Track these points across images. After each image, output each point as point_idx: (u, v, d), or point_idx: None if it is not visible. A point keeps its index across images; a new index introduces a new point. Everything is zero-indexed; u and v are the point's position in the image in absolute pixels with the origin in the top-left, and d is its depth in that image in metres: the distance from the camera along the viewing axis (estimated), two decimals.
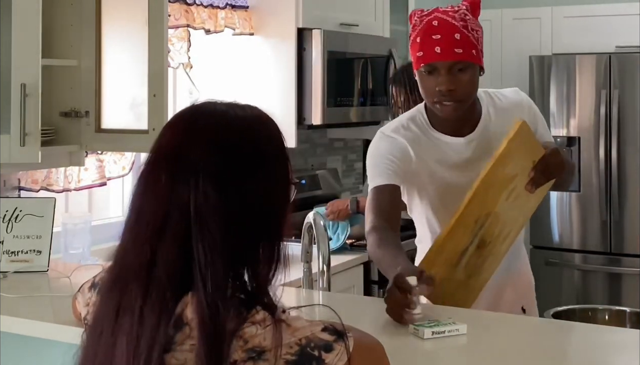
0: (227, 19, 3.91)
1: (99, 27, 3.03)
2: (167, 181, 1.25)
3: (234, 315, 1.20)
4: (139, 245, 1.25)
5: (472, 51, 2.16)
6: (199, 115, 1.34)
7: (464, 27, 2.15)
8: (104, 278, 1.33)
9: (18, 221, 2.87)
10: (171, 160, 1.27)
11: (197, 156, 1.26)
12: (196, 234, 1.22)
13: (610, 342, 1.83)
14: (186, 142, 1.28)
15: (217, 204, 1.24)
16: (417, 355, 1.79)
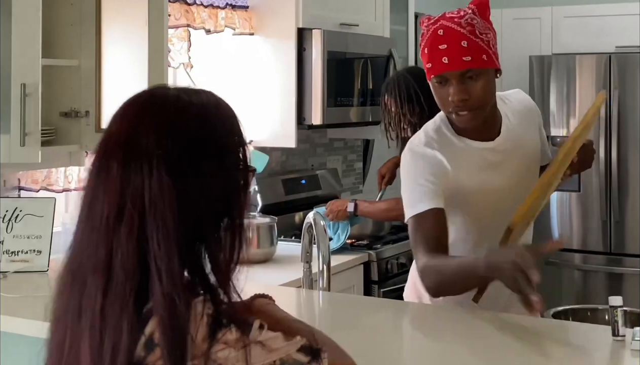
0: (227, 18, 3.91)
1: (99, 27, 3.03)
2: (120, 170, 1.21)
3: (203, 331, 1.15)
4: (95, 239, 1.21)
5: (483, 56, 2.09)
6: (151, 101, 1.29)
7: (471, 32, 2.07)
8: (61, 275, 1.28)
9: (18, 221, 2.87)
10: (123, 147, 1.23)
11: (151, 142, 1.21)
12: (151, 224, 1.18)
13: (610, 342, 1.83)
14: (139, 128, 1.23)
15: (173, 191, 1.20)
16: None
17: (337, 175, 4.74)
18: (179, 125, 1.25)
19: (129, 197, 1.20)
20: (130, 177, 1.20)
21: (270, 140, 4.11)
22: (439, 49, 2.08)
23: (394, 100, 3.34)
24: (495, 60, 2.15)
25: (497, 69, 2.18)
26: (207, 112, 1.29)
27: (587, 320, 2.67)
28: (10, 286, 2.56)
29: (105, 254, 1.19)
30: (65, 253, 1.28)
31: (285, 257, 3.53)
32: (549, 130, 5.15)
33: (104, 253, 1.20)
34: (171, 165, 1.21)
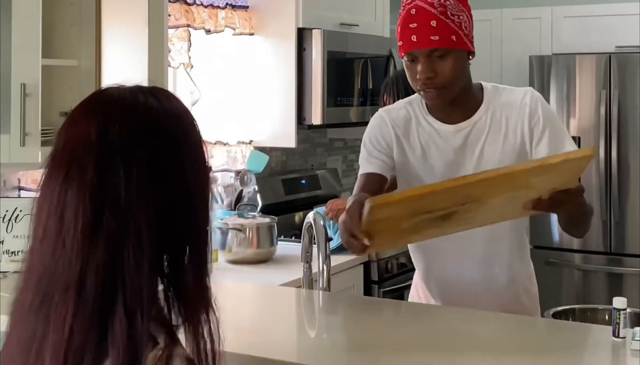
0: (228, 18, 3.91)
1: (99, 27, 3.03)
2: (93, 175, 1.12)
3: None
4: (68, 253, 1.11)
5: (452, 37, 2.14)
6: (114, 100, 1.23)
7: (442, 13, 2.12)
8: (22, 294, 1.18)
9: (18, 221, 2.87)
10: (96, 151, 1.14)
11: (127, 144, 1.14)
12: (127, 233, 1.11)
13: (610, 342, 1.83)
14: (111, 131, 1.16)
15: (152, 194, 1.13)
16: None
17: (337, 175, 4.75)
18: (154, 127, 1.19)
19: (106, 204, 1.12)
20: (106, 183, 1.12)
21: (270, 140, 4.11)
22: (410, 27, 2.13)
23: (393, 100, 3.36)
24: (466, 42, 2.18)
25: (469, 51, 2.21)
26: (179, 115, 1.24)
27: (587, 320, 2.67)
28: (10, 286, 2.56)
29: (80, 269, 1.10)
30: (25, 271, 1.18)
31: (285, 257, 3.53)
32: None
33: (78, 268, 1.10)
34: (150, 168, 1.15)
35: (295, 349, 1.80)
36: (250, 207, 3.89)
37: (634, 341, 1.76)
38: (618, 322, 1.81)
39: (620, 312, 1.82)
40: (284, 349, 1.79)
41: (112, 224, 1.11)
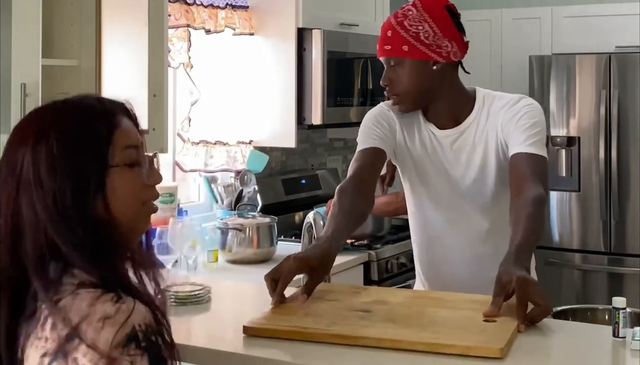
0: (227, 19, 3.91)
1: (99, 27, 3.03)
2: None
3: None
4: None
5: (403, 47, 2.20)
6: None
7: (399, 23, 2.20)
8: None
9: None
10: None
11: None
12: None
13: (610, 342, 1.83)
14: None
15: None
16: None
17: (337, 175, 4.75)
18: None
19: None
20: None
21: (270, 140, 4.11)
22: (379, 38, 2.28)
23: None
24: (423, 52, 2.22)
25: (434, 61, 2.24)
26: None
27: (587, 320, 2.67)
28: None
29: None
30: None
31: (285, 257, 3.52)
32: (549, 131, 5.15)
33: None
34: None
35: (296, 349, 1.80)
36: (250, 207, 3.89)
37: (634, 341, 1.76)
38: (618, 322, 1.81)
39: (620, 312, 1.82)
40: (284, 349, 1.79)
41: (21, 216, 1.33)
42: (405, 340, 1.76)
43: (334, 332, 1.82)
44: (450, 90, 2.30)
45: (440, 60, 2.24)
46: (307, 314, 1.95)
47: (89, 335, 1.21)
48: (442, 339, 1.76)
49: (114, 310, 1.23)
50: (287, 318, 1.91)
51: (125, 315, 1.23)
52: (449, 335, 1.78)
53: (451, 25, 2.25)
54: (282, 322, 1.88)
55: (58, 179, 1.30)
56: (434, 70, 2.24)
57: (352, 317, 1.93)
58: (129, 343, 1.22)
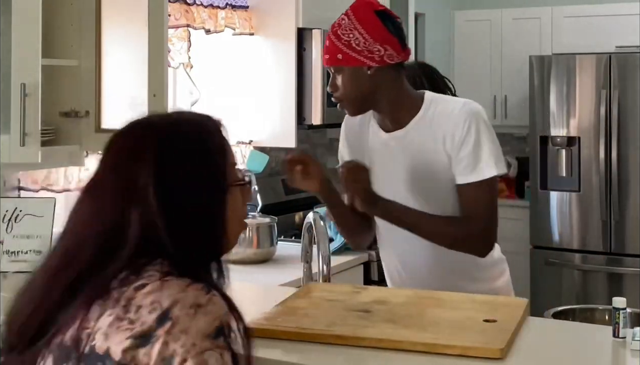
0: (227, 19, 3.91)
1: (99, 27, 3.03)
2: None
3: None
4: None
5: (338, 55, 2.28)
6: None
7: (334, 33, 2.29)
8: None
9: (18, 221, 2.87)
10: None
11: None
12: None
13: (610, 342, 1.83)
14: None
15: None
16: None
17: (337, 175, 4.74)
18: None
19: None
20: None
21: (270, 140, 4.11)
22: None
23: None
24: (356, 58, 2.29)
25: (365, 66, 2.29)
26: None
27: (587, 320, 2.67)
28: (10, 286, 2.56)
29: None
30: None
31: (285, 257, 3.53)
32: (549, 130, 5.16)
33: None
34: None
35: (296, 349, 1.80)
36: (250, 207, 3.89)
37: (634, 341, 1.76)
38: (618, 322, 1.81)
39: (620, 312, 1.82)
40: (284, 349, 1.79)
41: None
42: (405, 340, 1.76)
43: (334, 333, 1.82)
44: (392, 93, 2.34)
45: (374, 65, 2.29)
46: (307, 314, 1.96)
47: (181, 320, 1.21)
48: (442, 340, 1.76)
49: (205, 299, 1.25)
50: (287, 318, 1.92)
51: (216, 306, 1.25)
52: (449, 336, 1.78)
53: (382, 30, 2.29)
54: (282, 323, 1.88)
55: (184, 196, 1.34)
56: (369, 74, 2.29)
57: (352, 317, 1.93)
58: (218, 335, 1.22)
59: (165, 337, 1.20)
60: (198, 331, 1.21)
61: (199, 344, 1.20)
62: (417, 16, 5.44)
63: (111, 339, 1.23)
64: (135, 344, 1.21)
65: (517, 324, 1.88)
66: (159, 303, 1.23)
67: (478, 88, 5.54)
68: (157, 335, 1.20)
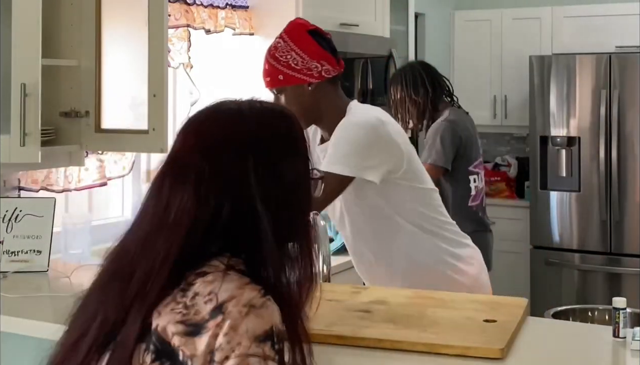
0: (227, 19, 3.91)
1: (99, 27, 3.03)
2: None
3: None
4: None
5: (279, 76, 2.47)
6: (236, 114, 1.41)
7: (272, 56, 2.48)
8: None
9: (18, 221, 2.87)
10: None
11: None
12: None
13: (610, 342, 1.83)
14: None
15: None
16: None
17: None
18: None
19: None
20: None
21: None
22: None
23: (400, 85, 3.74)
24: (297, 77, 2.45)
25: (305, 83, 2.45)
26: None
27: (587, 320, 2.67)
28: (10, 286, 2.56)
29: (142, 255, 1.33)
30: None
31: None
32: (549, 130, 5.16)
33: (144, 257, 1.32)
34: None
35: None
36: None
37: (634, 341, 1.77)
38: (618, 322, 1.82)
39: (620, 312, 1.82)
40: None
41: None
42: (405, 340, 1.77)
43: (334, 333, 1.82)
44: (330, 105, 2.50)
45: (314, 81, 2.45)
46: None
47: (233, 316, 1.21)
48: (442, 340, 1.76)
49: (260, 301, 1.23)
50: None
51: (269, 310, 1.23)
52: (449, 336, 1.79)
53: (317, 47, 2.45)
54: None
55: (281, 191, 1.34)
56: (310, 90, 2.45)
57: (352, 318, 1.93)
58: (265, 340, 1.21)
59: (214, 329, 1.20)
60: (247, 331, 1.20)
61: (244, 344, 1.19)
62: (417, 16, 5.44)
63: (162, 317, 1.23)
64: (186, 332, 1.21)
65: (517, 324, 1.88)
66: (216, 295, 1.23)
67: (478, 88, 5.54)
68: (208, 327, 1.21)
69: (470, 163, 3.66)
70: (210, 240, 1.30)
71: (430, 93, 3.69)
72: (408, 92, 3.69)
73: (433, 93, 3.70)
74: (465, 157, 3.64)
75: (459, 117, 3.71)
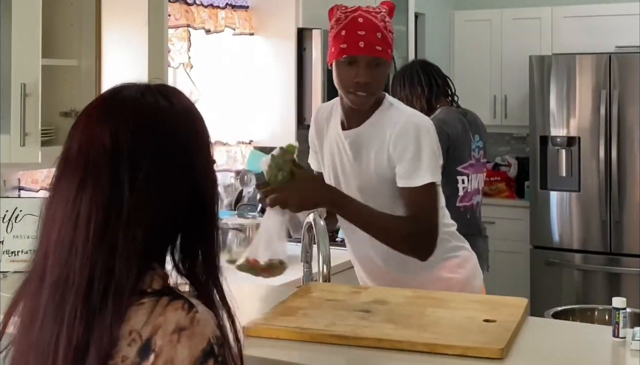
0: (227, 19, 3.91)
1: (99, 27, 3.03)
2: (106, 183, 1.18)
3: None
4: (79, 261, 1.16)
5: (389, 50, 2.34)
6: (128, 107, 1.28)
7: (385, 27, 2.33)
8: (34, 298, 1.23)
9: (18, 221, 2.87)
10: (110, 156, 1.19)
11: (137, 151, 1.20)
12: (127, 240, 1.17)
13: (610, 342, 1.83)
14: (120, 134, 1.20)
15: (159, 198, 1.19)
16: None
17: None
18: (160, 131, 1.23)
19: (113, 213, 1.16)
20: (115, 191, 1.17)
21: (270, 140, 4.11)
22: (358, 33, 2.31)
23: (398, 83, 3.69)
24: (391, 55, 2.39)
25: (391, 62, 2.42)
26: (184, 113, 1.31)
27: (587, 320, 2.67)
28: (10, 286, 2.55)
29: (88, 275, 1.15)
30: (36, 273, 1.22)
31: None
32: (549, 130, 5.16)
33: (86, 275, 1.15)
34: (158, 172, 1.20)
35: (296, 349, 1.80)
36: (250, 207, 3.88)
37: (634, 341, 1.77)
38: (618, 322, 1.82)
39: (620, 312, 1.82)
40: (284, 349, 1.80)
41: (117, 233, 1.16)
42: (405, 340, 1.77)
43: (334, 333, 1.82)
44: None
45: (391, 63, 2.41)
46: (307, 315, 1.96)
47: (165, 350, 1.11)
48: (442, 340, 1.76)
49: (188, 320, 1.13)
50: (286, 318, 1.92)
51: (201, 325, 1.14)
52: (449, 336, 1.79)
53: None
54: (281, 323, 1.88)
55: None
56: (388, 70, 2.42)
57: (352, 318, 1.93)
58: (207, 359, 1.12)
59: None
60: (184, 359, 1.11)
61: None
62: (417, 16, 5.44)
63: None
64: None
65: (517, 324, 1.88)
66: (138, 332, 1.12)
67: (478, 88, 5.54)
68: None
69: (459, 163, 3.55)
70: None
71: (426, 92, 3.65)
72: (405, 92, 3.67)
73: (429, 92, 3.65)
74: (454, 157, 3.52)
75: (450, 116, 3.61)
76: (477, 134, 3.68)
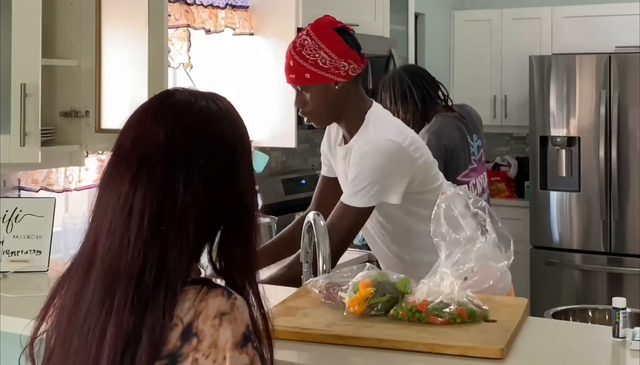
0: (227, 19, 3.91)
1: (99, 27, 3.03)
2: (161, 177, 1.23)
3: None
4: (131, 251, 1.21)
5: (305, 75, 2.43)
6: (182, 108, 1.32)
7: (298, 53, 2.43)
8: (84, 285, 1.26)
9: (18, 221, 2.87)
10: (165, 154, 1.25)
11: (190, 149, 1.25)
12: (179, 233, 1.23)
13: (610, 342, 1.83)
14: (177, 135, 1.26)
15: (207, 196, 1.25)
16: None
17: None
18: (212, 133, 1.29)
19: (167, 206, 1.22)
20: (170, 186, 1.22)
21: (270, 140, 4.11)
22: (286, 64, 2.50)
23: (389, 97, 3.53)
24: (324, 76, 2.44)
25: (332, 82, 2.45)
26: (232, 118, 1.34)
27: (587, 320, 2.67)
28: (10, 286, 2.56)
29: (140, 265, 1.20)
30: (87, 260, 1.26)
31: None
32: (549, 130, 5.16)
33: (139, 264, 1.20)
34: (208, 172, 1.25)
35: (296, 349, 1.80)
36: None
37: (634, 341, 1.77)
38: (618, 322, 1.82)
39: (620, 312, 1.82)
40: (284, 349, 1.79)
41: (170, 226, 1.22)
42: (405, 340, 1.77)
43: (334, 333, 1.82)
44: (353, 105, 2.51)
45: (341, 80, 2.45)
46: (307, 315, 1.96)
47: (208, 333, 1.17)
48: (442, 340, 1.76)
49: (228, 305, 1.20)
50: (286, 318, 1.92)
51: (240, 311, 1.21)
52: (449, 336, 1.79)
53: (344, 46, 2.45)
54: (281, 323, 1.88)
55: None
56: (337, 89, 2.46)
57: (352, 318, 1.93)
58: (246, 343, 1.19)
59: (193, 354, 1.16)
60: (227, 342, 1.17)
61: (229, 356, 1.17)
62: (417, 16, 5.44)
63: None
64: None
65: (517, 324, 1.88)
66: (180, 318, 1.19)
67: (478, 88, 5.54)
68: (184, 353, 1.17)
69: (457, 173, 3.47)
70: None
71: (420, 107, 3.48)
72: (397, 107, 3.48)
73: (422, 106, 3.49)
74: (452, 167, 3.44)
75: (446, 125, 3.49)
76: (475, 133, 3.61)
